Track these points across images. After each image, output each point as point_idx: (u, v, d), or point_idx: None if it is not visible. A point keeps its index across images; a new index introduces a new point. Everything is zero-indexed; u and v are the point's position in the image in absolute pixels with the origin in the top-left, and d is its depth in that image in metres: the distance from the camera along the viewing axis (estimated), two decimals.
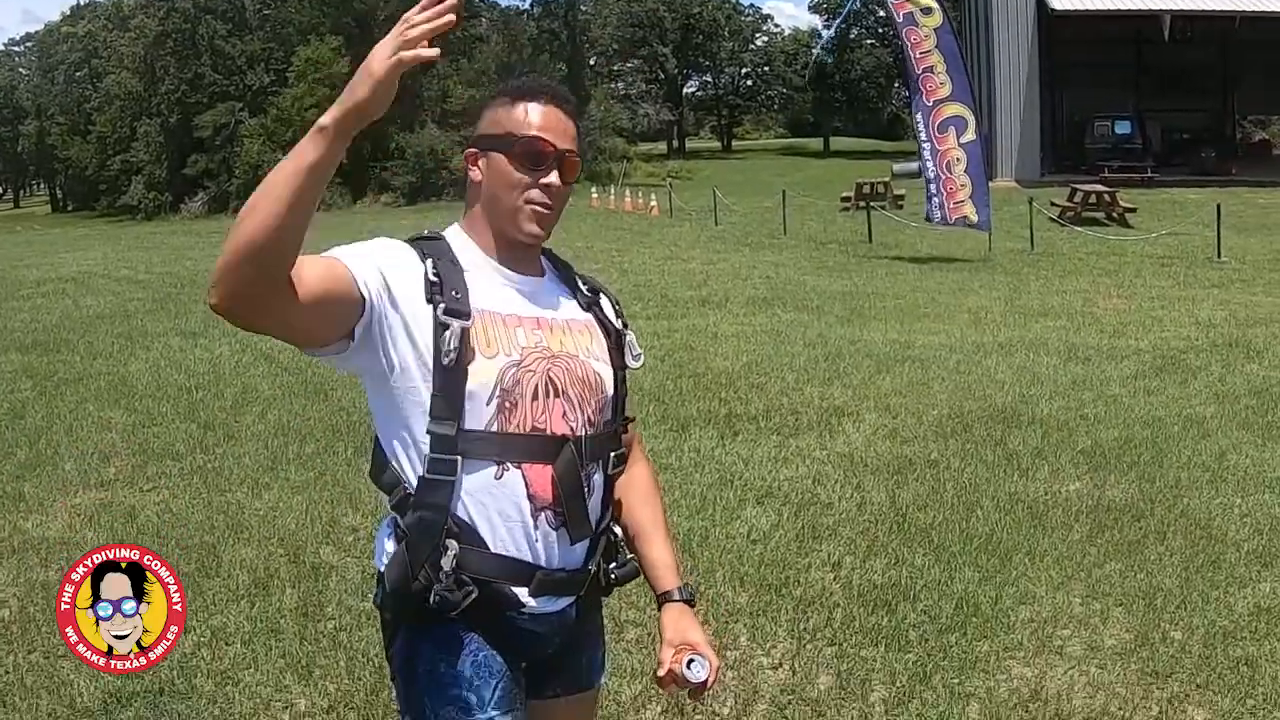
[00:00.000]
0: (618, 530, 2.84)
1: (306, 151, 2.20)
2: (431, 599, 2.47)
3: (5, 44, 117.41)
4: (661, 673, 2.69)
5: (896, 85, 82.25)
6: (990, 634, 5.35)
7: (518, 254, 2.69)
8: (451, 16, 2.24)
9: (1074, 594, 5.79)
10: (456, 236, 2.70)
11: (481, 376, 2.51)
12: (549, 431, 2.57)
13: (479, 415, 2.51)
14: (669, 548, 2.91)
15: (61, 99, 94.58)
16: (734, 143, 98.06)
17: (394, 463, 2.57)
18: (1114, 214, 29.29)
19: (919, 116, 24.42)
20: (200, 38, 70.88)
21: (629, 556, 2.85)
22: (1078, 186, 31.02)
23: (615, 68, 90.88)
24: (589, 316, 2.78)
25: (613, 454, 2.74)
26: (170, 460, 8.50)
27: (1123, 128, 43.82)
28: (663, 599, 2.83)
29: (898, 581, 5.93)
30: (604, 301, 2.86)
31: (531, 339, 2.60)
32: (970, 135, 23.54)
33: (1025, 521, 6.83)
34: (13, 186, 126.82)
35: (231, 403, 10.22)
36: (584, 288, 2.84)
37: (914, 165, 28.08)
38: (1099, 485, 7.49)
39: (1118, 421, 9.06)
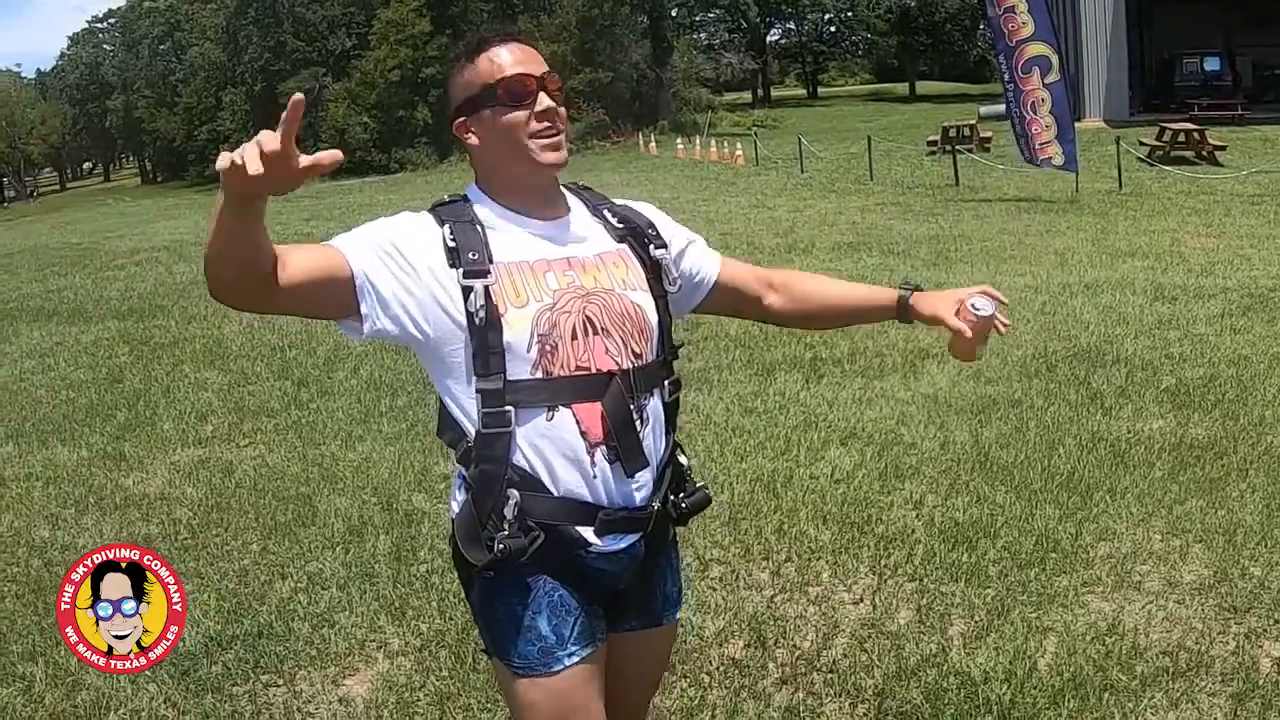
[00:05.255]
0: (684, 460, 2.86)
1: (221, 215, 2.27)
2: (498, 549, 2.55)
3: (89, 21, 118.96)
4: (968, 335, 2.87)
5: (981, 27, 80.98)
6: (1069, 569, 5.38)
7: (538, 197, 2.71)
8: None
9: (1154, 530, 5.80)
10: (476, 196, 2.72)
11: (516, 327, 2.54)
12: (593, 369, 2.59)
13: (521, 364, 2.55)
14: (860, 285, 3.14)
15: (146, 72, 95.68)
16: (819, 90, 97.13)
17: (454, 419, 2.64)
18: (1203, 152, 28.76)
19: (1001, 58, 24.19)
20: (281, 5, 71.44)
21: (698, 485, 2.86)
22: (1166, 125, 30.47)
23: (697, 18, 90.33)
24: (622, 247, 2.78)
25: (666, 381, 2.76)
26: (265, 417, 8.72)
27: (1212, 64, 43.11)
28: (901, 305, 3.01)
29: (979, 519, 5.98)
30: (638, 230, 2.83)
31: (563, 280, 2.62)
32: (1054, 75, 23.24)
33: (1107, 459, 6.84)
34: (102, 161, 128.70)
35: (324, 360, 10.42)
36: (613, 219, 2.82)
37: (1000, 108, 27.74)
38: (1182, 423, 7.46)
39: (1203, 360, 8.99)
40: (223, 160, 2.12)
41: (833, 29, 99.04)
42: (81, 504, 7.02)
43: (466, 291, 2.52)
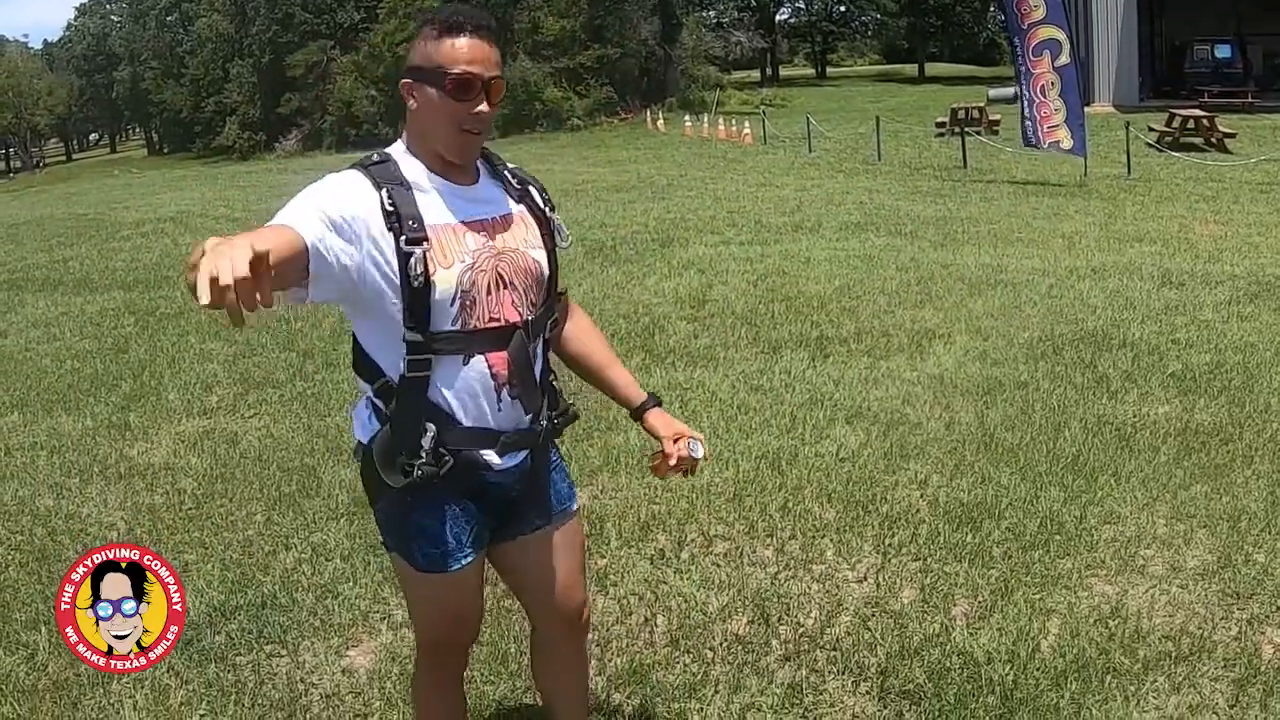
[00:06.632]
0: (555, 384, 3.27)
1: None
2: (416, 474, 2.93)
3: None
4: (672, 462, 3.29)
5: (992, 9, 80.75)
6: (1073, 552, 5.38)
7: (456, 168, 3.02)
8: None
9: (1158, 515, 5.79)
10: (403, 157, 3.02)
11: (443, 286, 2.88)
12: (503, 321, 2.98)
13: (445, 317, 2.90)
14: (626, 370, 3.47)
15: (154, 44, 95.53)
16: (828, 70, 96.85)
17: (375, 359, 2.99)
18: (1213, 139, 28.73)
19: (1014, 40, 24.16)
20: None
21: (569, 404, 3.29)
22: (1176, 111, 30.44)
23: None
24: (521, 208, 3.13)
25: (549, 322, 3.18)
26: (271, 388, 8.73)
27: (1223, 51, 42.96)
28: (642, 408, 3.38)
29: (983, 500, 5.98)
30: (532, 190, 3.18)
31: (478, 241, 2.97)
32: (1065, 59, 23.22)
33: (1113, 443, 6.83)
34: (109, 132, 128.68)
35: (329, 331, 10.40)
36: (513, 181, 3.16)
37: (1010, 90, 27.79)
38: (1188, 409, 7.45)
39: (1209, 346, 8.96)
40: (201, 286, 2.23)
41: (842, 9, 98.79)
42: (86, 473, 7.03)
43: (406, 256, 2.83)
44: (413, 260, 2.81)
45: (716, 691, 4.32)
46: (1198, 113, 30.25)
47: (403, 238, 2.81)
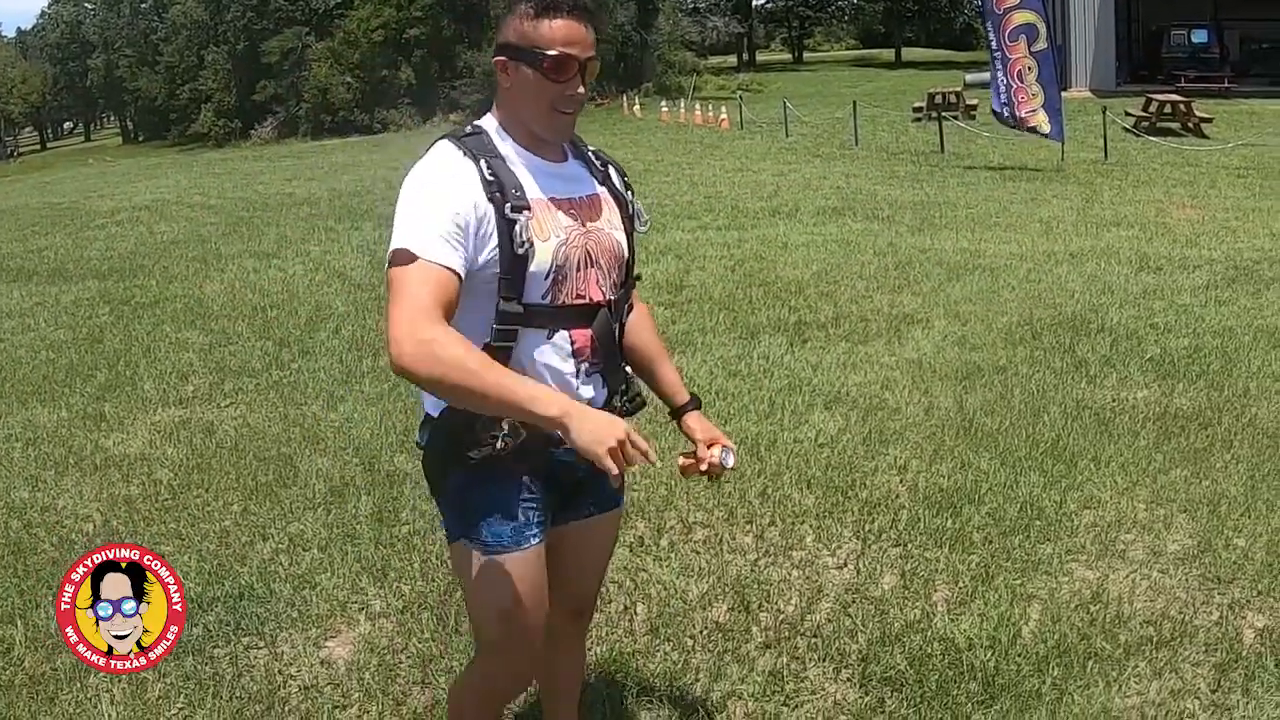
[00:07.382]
0: (628, 369, 3.24)
1: (520, 412, 2.65)
2: (498, 445, 2.87)
3: None
4: (703, 467, 3.22)
5: None
6: (1053, 537, 5.38)
7: (546, 144, 3.02)
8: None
9: (1138, 499, 5.79)
10: (494, 131, 3.00)
11: (540, 259, 2.86)
12: (589, 299, 2.98)
13: (537, 290, 2.89)
14: (675, 369, 3.44)
15: (128, 31, 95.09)
16: (805, 55, 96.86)
17: (458, 328, 2.80)
18: (1189, 124, 28.83)
19: (989, 25, 24.16)
20: None
21: (636, 391, 3.22)
22: (1153, 96, 30.53)
23: None
24: (603, 190, 3.13)
25: (626, 305, 3.19)
26: (247, 377, 8.67)
27: (1200, 37, 43.06)
28: (683, 409, 3.35)
29: (963, 485, 5.97)
30: (613, 173, 3.19)
31: (569, 219, 2.96)
32: (1041, 44, 23.23)
33: (1092, 427, 6.83)
34: (83, 120, 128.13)
35: (306, 320, 10.36)
36: (596, 162, 3.18)
37: (986, 75, 27.76)
38: (1167, 393, 7.46)
39: (1188, 331, 8.99)
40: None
41: None
42: (61, 465, 6.96)
43: (510, 224, 2.82)
44: (517, 227, 2.81)
45: (697, 679, 4.30)
46: (1174, 98, 30.36)
47: (507, 205, 2.82)
